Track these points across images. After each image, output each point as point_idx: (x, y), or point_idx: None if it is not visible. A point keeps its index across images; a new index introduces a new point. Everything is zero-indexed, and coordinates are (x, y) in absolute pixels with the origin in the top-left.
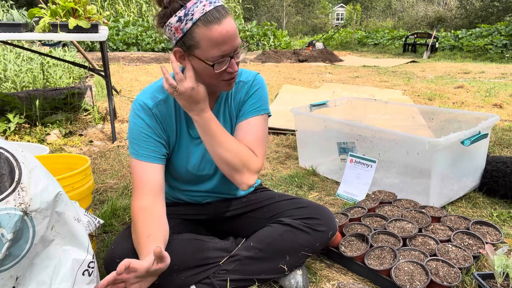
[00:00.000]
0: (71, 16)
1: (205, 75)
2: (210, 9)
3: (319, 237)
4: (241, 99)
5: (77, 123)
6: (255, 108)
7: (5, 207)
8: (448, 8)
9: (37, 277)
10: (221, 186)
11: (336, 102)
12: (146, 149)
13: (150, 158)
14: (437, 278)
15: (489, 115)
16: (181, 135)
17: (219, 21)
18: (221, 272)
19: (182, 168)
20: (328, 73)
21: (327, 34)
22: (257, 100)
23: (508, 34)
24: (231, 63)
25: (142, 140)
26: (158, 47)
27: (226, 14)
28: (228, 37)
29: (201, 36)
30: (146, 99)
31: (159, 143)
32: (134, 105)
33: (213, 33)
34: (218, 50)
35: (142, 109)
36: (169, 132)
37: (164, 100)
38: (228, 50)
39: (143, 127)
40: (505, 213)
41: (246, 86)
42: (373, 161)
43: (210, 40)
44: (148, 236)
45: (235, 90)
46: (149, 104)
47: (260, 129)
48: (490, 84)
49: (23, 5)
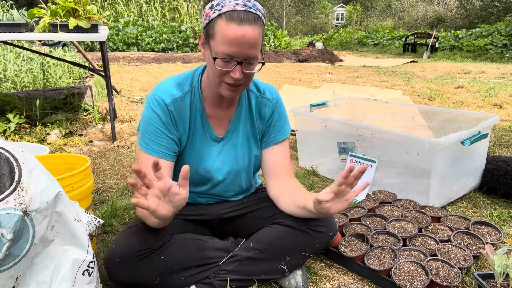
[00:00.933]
0: (71, 16)
1: (211, 70)
2: (240, 10)
3: (319, 238)
4: (267, 118)
5: (77, 123)
6: (284, 130)
7: (5, 207)
8: (448, 8)
9: (37, 277)
10: (226, 191)
11: (336, 102)
12: (158, 145)
13: (162, 154)
14: (437, 278)
15: (489, 115)
16: (195, 134)
17: (241, 22)
18: (221, 272)
19: (193, 168)
20: (328, 73)
21: (327, 34)
22: (283, 122)
23: (508, 34)
24: (236, 68)
25: (155, 135)
26: (158, 47)
27: (253, 23)
28: (241, 40)
29: (219, 28)
30: (163, 95)
31: (171, 140)
32: (150, 99)
33: (228, 29)
34: (227, 48)
35: (158, 104)
36: (182, 130)
37: (181, 97)
38: (236, 53)
39: (157, 123)
40: (505, 213)
41: (271, 104)
42: (373, 161)
43: (224, 35)
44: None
45: (259, 104)
46: (166, 101)
47: (288, 149)
48: (490, 84)
49: (23, 5)
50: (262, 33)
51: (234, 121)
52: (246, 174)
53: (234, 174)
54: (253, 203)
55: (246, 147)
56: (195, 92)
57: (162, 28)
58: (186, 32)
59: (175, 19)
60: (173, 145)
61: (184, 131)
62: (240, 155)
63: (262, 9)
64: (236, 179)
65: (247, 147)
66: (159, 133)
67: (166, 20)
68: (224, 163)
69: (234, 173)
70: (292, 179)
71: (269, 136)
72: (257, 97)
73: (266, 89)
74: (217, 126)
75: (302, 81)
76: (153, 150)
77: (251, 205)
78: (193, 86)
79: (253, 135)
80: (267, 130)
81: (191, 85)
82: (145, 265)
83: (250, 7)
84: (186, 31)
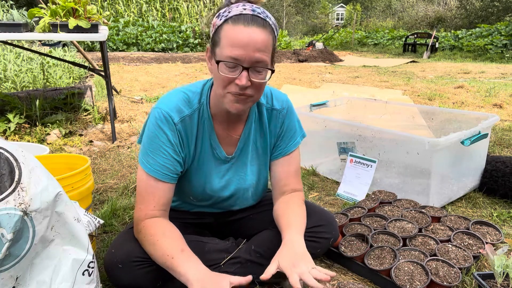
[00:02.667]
0: (71, 16)
1: (216, 80)
2: (247, 14)
3: (322, 244)
4: (277, 130)
5: (77, 123)
6: (294, 141)
7: (5, 207)
8: (448, 8)
9: (37, 277)
10: (232, 205)
11: (336, 102)
12: (161, 166)
13: (164, 176)
14: (437, 278)
15: (489, 115)
16: (202, 154)
17: (247, 24)
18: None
19: (199, 188)
20: (328, 73)
21: (327, 34)
22: (293, 132)
23: (508, 34)
24: (241, 75)
25: (159, 155)
26: (158, 47)
27: (262, 26)
28: (247, 42)
29: (225, 32)
30: (171, 111)
31: (176, 161)
32: (158, 115)
33: (234, 31)
34: (231, 51)
35: (167, 122)
36: (187, 151)
37: (190, 116)
38: (241, 56)
39: (164, 143)
40: (505, 213)
41: (281, 115)
42: (373, 161)
43: (229, 36)
44: (182, 251)
45: (269, 118)
46: (174, 119)
47: (298, 158)
48: (490, 84)
49: (23, 5)
50: (272, 40)
51: (243, 139)
52: (254, 189)
53: (242, 192)
54: (256, 206)
55: (255, 165)
56: (203, 109)
57: (162, 28)
58: (186, 32)
59: (175, 19)
60: (177, 167)
61: (189, 151)
62: (249, 173)
63: (274, 20)
64: (244, 195)
65: (256, 164)
66: (165, 154)
67: (166, 20)
68: (231, 182)
69: (242, 190)
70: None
71: (277, 148)
72: (267, 109)
73: (275, 98)
74: (226, 145)
75: (302, 81)
76: (154, 171)
77: (253, 208)
78: (202, 104)
79: (263, 150)
80: (276, 142)
81: (200, 102)
82: (145, 272)
83: (259, 12)
84: (186, 31)
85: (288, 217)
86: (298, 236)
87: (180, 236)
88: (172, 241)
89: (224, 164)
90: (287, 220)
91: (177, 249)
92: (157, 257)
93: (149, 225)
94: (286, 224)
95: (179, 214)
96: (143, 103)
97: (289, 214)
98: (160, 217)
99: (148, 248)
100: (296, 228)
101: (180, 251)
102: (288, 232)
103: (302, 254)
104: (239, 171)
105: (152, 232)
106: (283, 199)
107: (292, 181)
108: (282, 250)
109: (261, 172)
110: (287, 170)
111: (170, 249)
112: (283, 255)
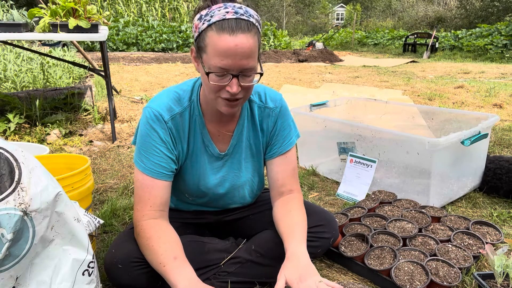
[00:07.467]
0: (71, 16)
1: (206, 86)
2: (230, 18)
3: (322, 244)
4: (270, 129)
5: (77, 123)
6: (288, 140)
7: (5, 207)
8: (448, 8)
9: (37, 277)
10: (228, 203)
11: (336, 102)
12: (155, 164)
13: (159, 174)
14: (437, 278)
15: (489, 115)
16: (196, 151)
17: (233, 32)
18: (222, 274)
19: (193, 185)
20: (328, 73)
21: (327, 34)
22: (288, 131)
23: (508, 34)
24: (232, 82)
25: (152, 154)
26: (158, 47)
27: (247, 31)
28: (234, 51)
29: (210, 40)
30: (162, 110)
31: (169, 158)
32: (148, 114)
33: (220, 41)
34: (219, 61)
35: (158, 121)
36: (180, 148)
37: (180, 113)
38: (230, 65)
39: (156, 141)
40: (505, 213)
41: (274, 114)
42: (373, 161)
43: (215, 47)
44: (175, 258)
45: (261, 114)
46: (165, 117)
47: (294, 158)
48: (490, 84)
49: (23, 5)
50: (257, 41)
51: (236, 136)
52: (250, 186)
53: (237, 188)
54: (255, 205)
55: (249, 162)
56: (194, 107)
57: (162, 28)
58: (186, 32)
59: (175, 19)
60: (171, 164)
61: (183, 149)
62: (243, 170)
63: (256, 14)
64: (240, 192)
65: (250, 161)
66: (158, 152)
67: (166, 20)
68: (226, 178)
69: (237, 187)
70: (290, 196)
71: (272, 147)
72: (259, 107)
73: (268, 96)
74: (219, 142)
75: (302, 81)
76: (149, 170)
77: (253, 207)
78: (192, 101)
79: (256, 148)
80: (270, 141)
81: (190, 99)
82: (145, 272)
83: (241, 14)
84: (186, 31)
85: (289, 224)
86: (301, 246)
87: (176, 240)
88: (166, 246)
89: (218, 161)
90: (289, 228)
91: (170, 257)
92: (151, 263)
93: (146, 227)
94: (287, 232)
95: (178, 213)
96: (143, 103)
97: (290, 221)
98: (158, 219)
99: (144, 252)
100: (298, 238)
101: (173, 258)
102: (291, 242)
103: (307, 266)
104: (233, 168)
105: (148, 235)
106: (281, 201)
107: (289, 181)
108: (288, 264)
109: (256, 169)
110: (284, 170)
111: (163, 256)
112: (289, 269)
